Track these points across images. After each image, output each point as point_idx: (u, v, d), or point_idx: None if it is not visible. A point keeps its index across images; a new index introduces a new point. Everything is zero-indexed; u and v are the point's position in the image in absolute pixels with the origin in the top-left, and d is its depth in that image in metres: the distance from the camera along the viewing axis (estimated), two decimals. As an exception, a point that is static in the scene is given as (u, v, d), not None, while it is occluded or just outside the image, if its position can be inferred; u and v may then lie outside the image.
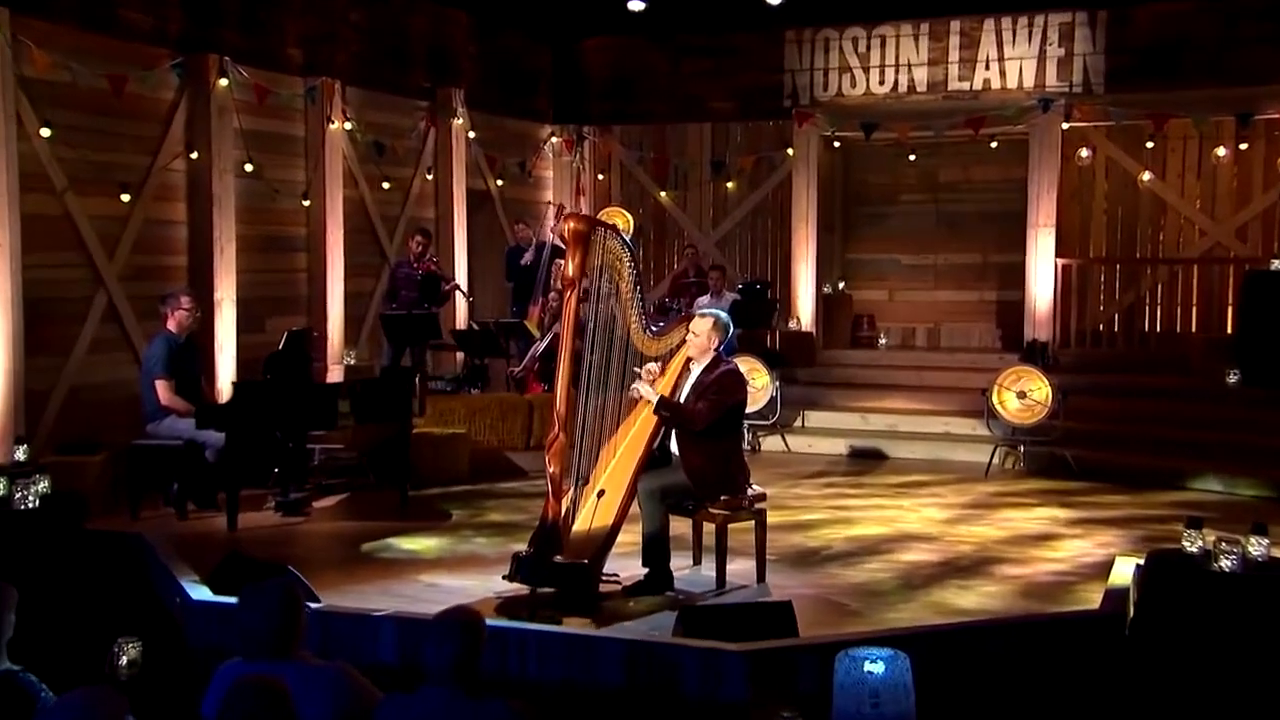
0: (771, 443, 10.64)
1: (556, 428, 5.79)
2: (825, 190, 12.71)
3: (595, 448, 5.99)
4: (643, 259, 13.70)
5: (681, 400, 6.05)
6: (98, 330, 8.50)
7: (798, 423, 11.00)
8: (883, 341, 12.87)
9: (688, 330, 6.12)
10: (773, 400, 10.30)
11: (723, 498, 6.05)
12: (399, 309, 10.49)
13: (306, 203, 10.31)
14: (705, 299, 11.46)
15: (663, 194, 13.49)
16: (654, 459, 6.11)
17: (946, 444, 10.29)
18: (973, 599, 5.98)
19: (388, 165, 11.15)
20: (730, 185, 13.13)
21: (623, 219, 12.80)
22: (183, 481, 7.65)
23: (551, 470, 5.82)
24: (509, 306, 11.77)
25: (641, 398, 5.98)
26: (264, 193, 9.89)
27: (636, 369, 6.09)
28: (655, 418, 6.00)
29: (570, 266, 5.85)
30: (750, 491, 6.19)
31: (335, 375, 10.15)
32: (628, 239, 6.16)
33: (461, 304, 11.63)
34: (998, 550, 7.01)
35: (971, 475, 9.40)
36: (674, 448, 6.15)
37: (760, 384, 10.19)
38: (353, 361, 10.39)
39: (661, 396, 5.95)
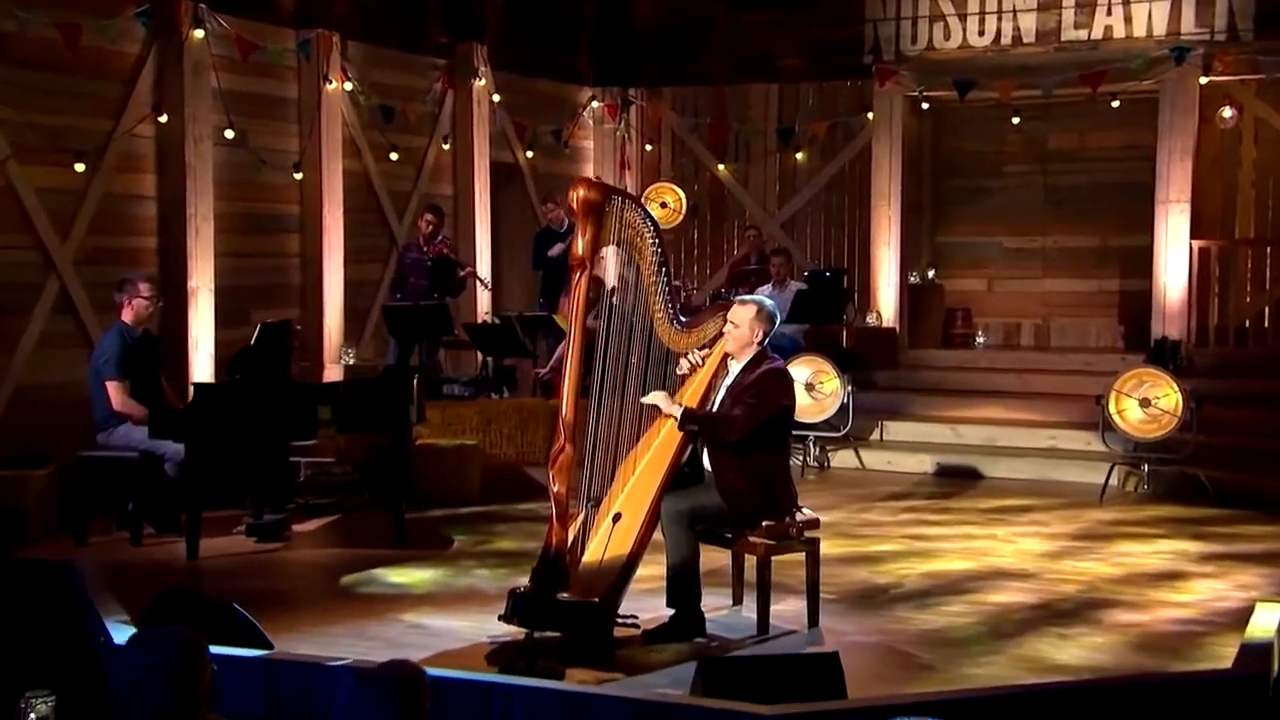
0: (843, 459, 10.52)
1: (562, 438, 5.59)
2: (912, 161, 12.55)
3: (611, 462, 5.78)
4: (697, 242, 13.94)
5: (716, 405, 5.84)
6: (48, 323, 8.42)
7: (875, 435, 10.85)
8: (980, 340, 12.71)
9: (725, 321, 5.90)
10: (844, 408, 10.11)
11: (764, 524, 5.83)
12: (404, 299, 10.38)
13: (299, 176, 10.22)
14: (766, 289, 11.26)
15: (721, 167, 13.43)
16: (682, 476, 5.89)
17: (1054, 461, 10.10)
18: (1075, 652, 5.76)
19: (396, 133, 11.07)
20: (800, 157, 13.03)
21: (673, 196, 13.08)
22: (138, 500, 7.53)
23: (556, 489, 5.62)
24: (537, 297, 11.64)
25: (666, 411, 5.74)
26: (248, 164, 9.80)
27: (681, 368, 5.88)
28: (683, 427, 5.87)
29: (579, 244, 5.64)
30: (799, 516, 5.97)
31: (334, 376, 10.04)
32: (651, 212, 5.93)
33: (483, 295, 11.49)
34: (1110, 591, 6.79)
35: (1082, 499, 9.19)
36: (707, 462, 5.92)
37: (829, 389, 10.00)
38: (352, 361, 10.29)
39: (686, 409, 5.73)
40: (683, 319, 5.87)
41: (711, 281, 13.04)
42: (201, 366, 9.26)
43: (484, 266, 11.81)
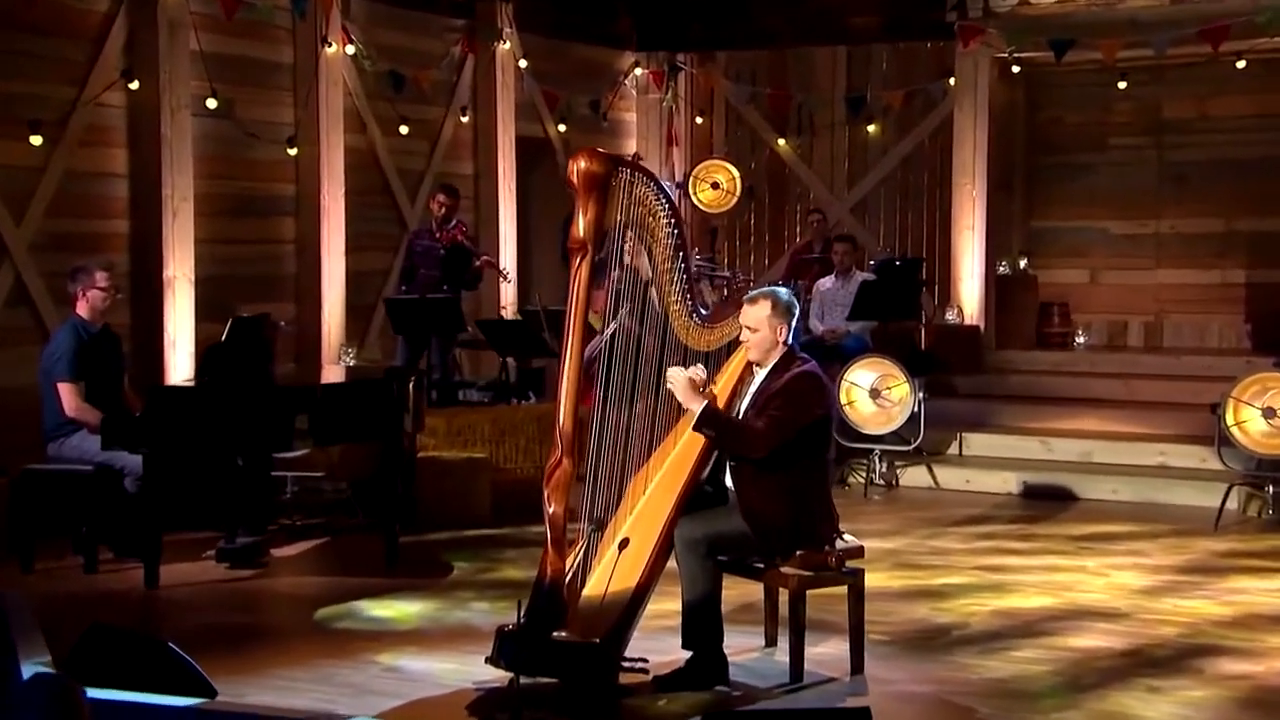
0: (914, 477, 10.37)
1: (559, 451, 5.41)
2: (1001, 134, 12.45)
3: (617, 479, 5.59)
4: (754, 229, 13.92)
5: (741, 415, 5.60)
6: (1, 317, 8.40)
7: (952, 450, 10.75)
8: (1080, 340, 12.63)
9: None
10: (915, 418, 9.96)
11: (798, 552, 5.59)
12: (412, 292, 10.29)
13: (293, 152, 10.20)
14: (828, 281, 11.28)
15: (782, 142, 13.40)
16: (701, 496, 5.67)
17: (1161, 481, 9.88)
18: (1168, 709, 5.45)
19: (408, 104, 11.04)
20: (872, 129, 12.98)
21: (726, 175, 12.90)
22: (93, 520, 7.42)
23: (552, 510, 5.42)
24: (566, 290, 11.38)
25: (685, 402, 5.52)
26: (235, 138, 9.78)
27: (698, 369, 5.66)
28: (701, 438, 5.59)
29: (580, 223, 5.46)
30: (840, 544, 5.71)
31: (335, 380, 9.70)
32: (669, 187, 5.72)
33: (505, 288, 11.39)
34: (1217, 636, 6.47)
35: (1194, 526, 8.92)
36: (730, 480, 5.69)
37: (897, 396, 9.84)
38: (353, 362, 10.24)
39: (707, 407, 5.53)
40: (703, 311, 5.70)
41: (771, 272, 13.06)
42: (180, 367, 9.27)
43: (507, 256, 11.72)
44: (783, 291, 5.78)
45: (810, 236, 12.51)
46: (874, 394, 9.74)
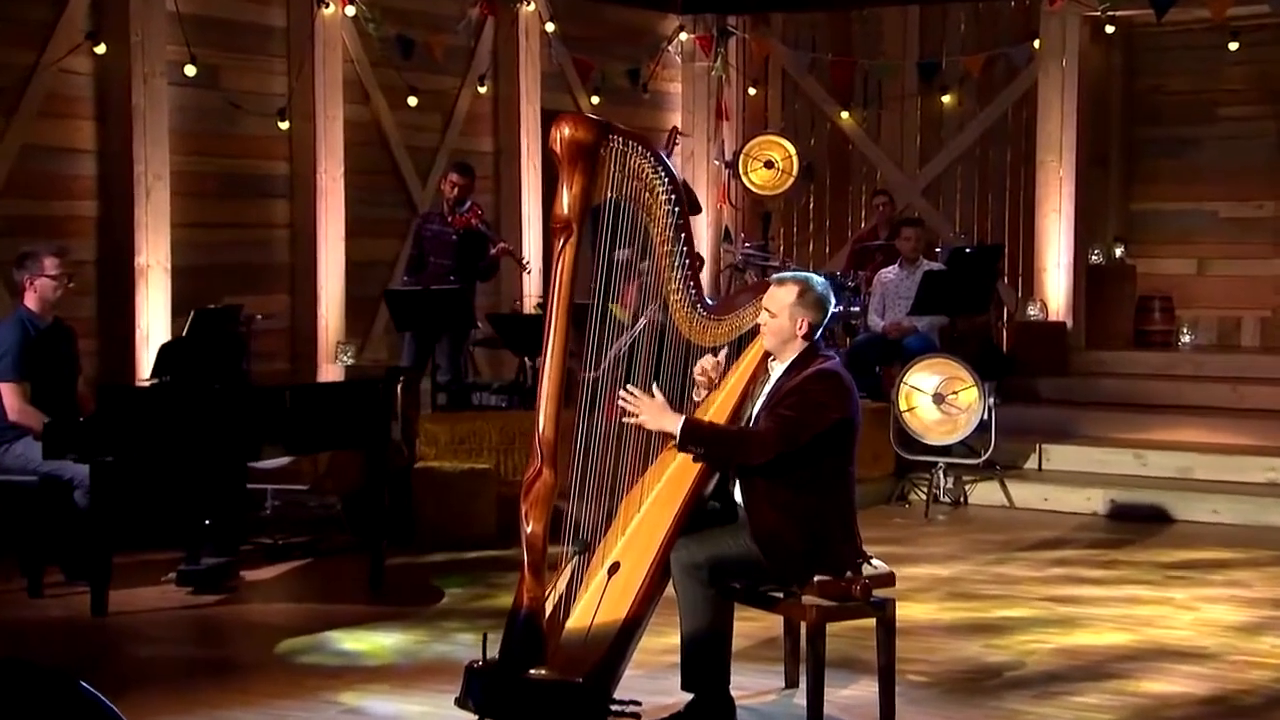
0: (985, 493, 10.16)
1: (538, 462, 5.25)
2: (1094, 104, 12.41)
3: (607, 494, 5.41)
4: (813, 214, 13.83)
5: (751, 421, 5.44)
6: None
7: (1030, 463, 10.60)
8: (1186, 339, 12.62)
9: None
10: (985, 427, 9.75)
11: (816, 579, 5.37)
12: (419, 283, 10.18)
13: (285, 126, 10.16)
14: (891, 271, 11.11)
15: (845, 115, 13.30)
16: (707, 514, 5.49)
17: (1271, 501, 9.69)
18: None
19: (418, 72, 10.99)
20: (947, 100, 12.88)
21: (781, 153, 12.78)
22: (38, 537, 7.31)
23: (530, 529, 5.19)
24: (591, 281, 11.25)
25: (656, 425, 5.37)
26: (218, 109, 9.72)
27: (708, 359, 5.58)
28: (702, 443, 5.62)
29: (564, 199, 5.27)
30: (868, 570, 5.48)
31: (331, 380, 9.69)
32: (670, 160, 5.64)
33: (526, 279, 11.34)
34: None
35: None
36: (739, 495, 5.52)
37: (965, 402, 9.63)
38: (352, 361, 10.16)
39: (689, 423, 5.34)
40: (709, 302, 5.54)
41: (832, 262, 12.98)
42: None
43: (529, 243, 11.64)
44: (819, 281, 5.59)
45: (875, 221, 12.33)
46: (938, 399, 9.54)
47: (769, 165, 12.47)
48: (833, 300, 5.65)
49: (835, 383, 5.41)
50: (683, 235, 5.43)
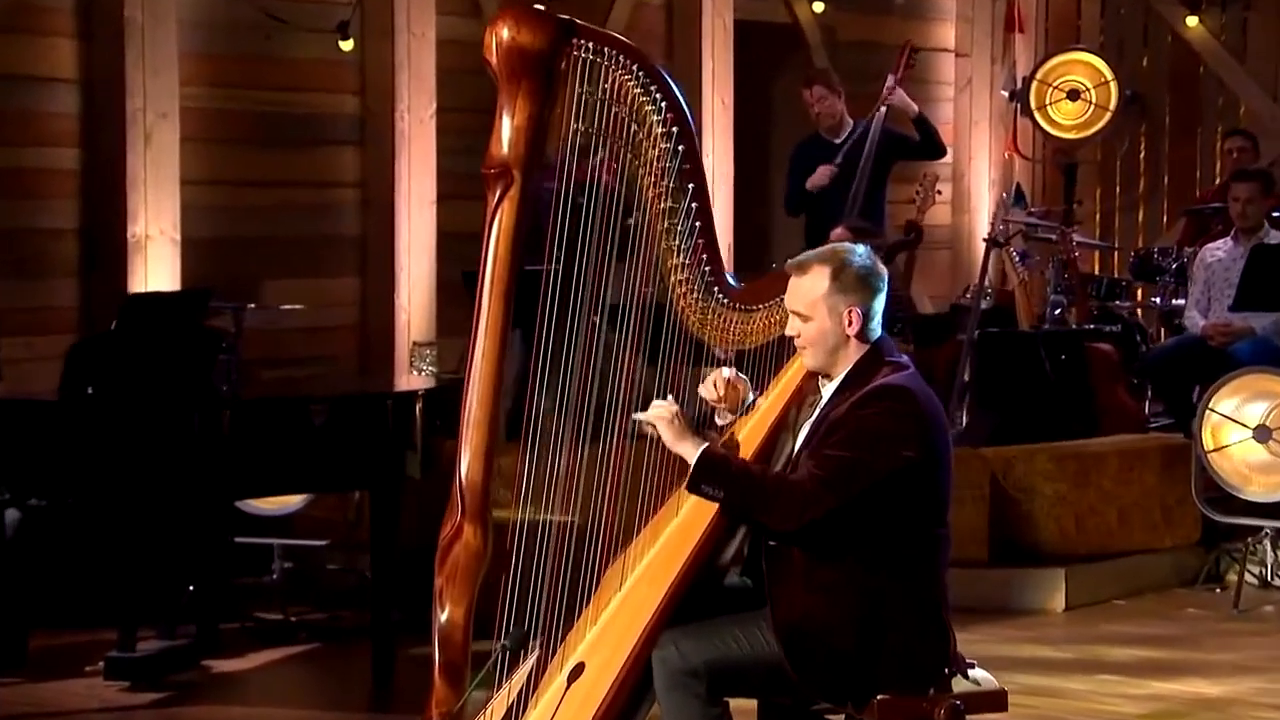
0: None
1: (457, 514, 5.29)
2: None
3: (574, 561, 5.42)
4: (1144, 164, 13.55)
5: (791, 462, 5.29)
6: None
7: None
8: None
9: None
10: None
11: (878, 698, 5.15)
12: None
13: (347, 46, 9.84)
14: (1221, 246, 10.32)
15: (1193, 21, 13.10)
16: (722, 597, 5.46)
17: None
18: None
19: None
20: None
21: (1093, 76, 13.24)
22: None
23: (444, 615, 5.28)
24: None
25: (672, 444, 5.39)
26: (249, 22, 9.53)
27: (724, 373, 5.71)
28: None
29: (504, 134, 5.32)
30: (961, 685, 5.30)
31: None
32: (668, 74, 5.61)
33: None
34: None
35: None
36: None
37: None
38: (433, 369, 9.98)
39: (707, 453, 5.19)
40: (734, 284, 5.46)
41: (1165, 238, 12.38)
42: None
43: (717, 201, 11.47)
44: (854, 251, 5.32)
45: (1228, 177, 11.46)
46: (1262, 434, 8.99)
47: (1074, 96, 12.42)
48: (883, 270, 5.33)
49: (904, 403, 5.15)
50: (690, 186, 5.35)
